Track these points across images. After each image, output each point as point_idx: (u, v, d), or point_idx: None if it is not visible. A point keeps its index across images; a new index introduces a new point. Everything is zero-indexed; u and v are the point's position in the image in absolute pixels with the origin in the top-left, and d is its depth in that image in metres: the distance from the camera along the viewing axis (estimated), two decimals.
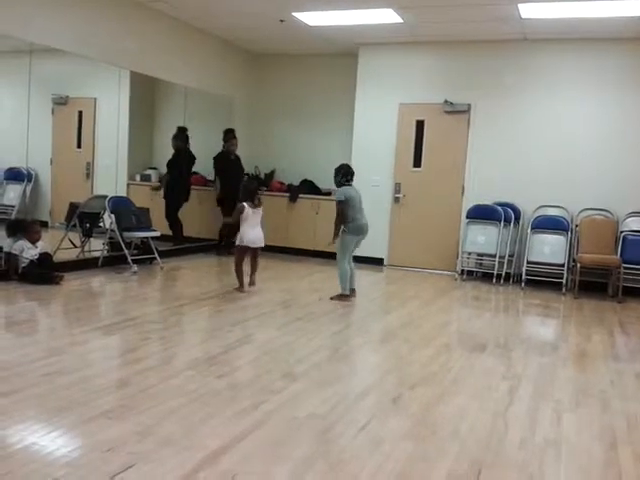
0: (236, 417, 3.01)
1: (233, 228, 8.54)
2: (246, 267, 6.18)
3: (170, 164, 8.34)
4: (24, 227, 5.99)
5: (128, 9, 7.01)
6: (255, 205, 6.04)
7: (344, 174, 5.96)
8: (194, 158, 8.47)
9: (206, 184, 9.02)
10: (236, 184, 8.54)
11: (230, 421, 2.96)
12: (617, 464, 2.77)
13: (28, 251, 5.84)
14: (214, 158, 8.53)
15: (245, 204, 5.98)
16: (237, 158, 8.70)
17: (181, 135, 8.31)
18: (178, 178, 8.27)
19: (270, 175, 9.43)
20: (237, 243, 6.10)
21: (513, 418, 3.23)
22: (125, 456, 2.52)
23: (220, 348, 4.23)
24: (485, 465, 2.66)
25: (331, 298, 6.01)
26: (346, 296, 5.99)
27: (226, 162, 8.50)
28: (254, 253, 6.18)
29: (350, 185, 5.96)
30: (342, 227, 5.90)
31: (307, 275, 7.61)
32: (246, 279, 6.16)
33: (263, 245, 6.17)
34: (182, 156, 8.32)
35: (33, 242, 5.92)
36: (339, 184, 5.97)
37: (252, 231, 6.01)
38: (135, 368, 3.70)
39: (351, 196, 5.86)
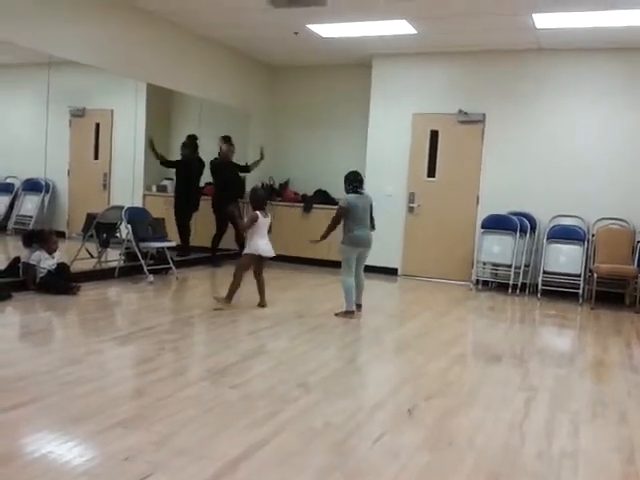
0: (251, 427, 3.01)
1: (219, 238, 8.43)
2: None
3: (176, 173, 8.31)
4: (41, 237, 6.06)
5: (144, 22, 7.10)
6: (265, 214, 5.82)
7: (351, 182, 5.67)
8: (203, 166, 8.39)
9: None
10: (234, 190, 8.37)
11: (245, 431, 2.97)
12: (636, 477, 2.74)
13: (45, 261, 5.90)
14: (211, 165, 8.36)
15: (258, 213, 5.74)
16: (232, 164, 8.50)
17: (190, 144, 8.27)
18: (184, 187, 8.23)
19: (284, 185, 9.47)
20: (247, 252, 5.80)
21: (529, 429, 3.21)
22: (142, 465, 2.54)
23: (234, 358, 4.24)
24: (501, 477, 2.64)
25: (336, 314, 5.69)
26: (351, 312, 5.66)
27: (222, 169, 8.36)
28: (261, 266, 5.92)
29: (359, 193, 5.66)
30: (341, 238, 5.67)
31: (320, 285, 7.61)
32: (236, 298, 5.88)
33: (273, 255, 5.93)
34: (189, 165, 8.25)
35: (50, 252, 5.98)
36: (347, 192, 5.70)
37: (264, 241, 5.78)
38: (151, 378, 3.73)
39: (354, 205, 5.57)
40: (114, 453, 2.64)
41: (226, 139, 8.49)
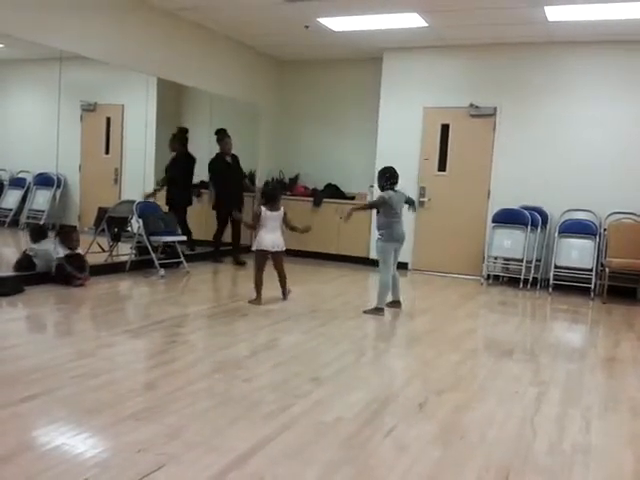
0: (263, 420, 3.02)
1: (220, 234, 8.16)
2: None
3: (168, 168, 7.93)
4: (64, 234, 6.11)
5: (155, 17, 7.10)
6: (272, 208, 5.78)
7: (388, 178, 5.62)
8: (194, 160, 8.05)
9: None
10: (234, 186, 8.09)
11: (257, 424, 2.98)
12: None
13: (58, 253, 5.94)
14: (209, 163, 8.15)
15: (262, 208, 5.77)
16: (235, 159, 8.25)
17: (180, 136, 7.98)
18: (177, 182, 7.87)
19: (294, 179, 9.47)
20: (255, 248, 5.85)
21: (541, 424, 3.20)
22: (154, 457, 2.55)
23: (246, 352, 4.26)
24: (513, 471, 2.64)
25: (364, 312, 5.63)
26: (381, 310, 5.61)
27: (221, 165, 8.10)
28: (276, 260, 5.89)
29: (394, 190, 5.63)
30: (378, 234, 5.67)
31: (331, 280, 7.61)
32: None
33: (283, 249, 5.89)
34: (181, 159, 7.94)
35: (72, 249, 6.03)
36: (383, 188, 5.65)
37: (269, 235, 5.75)
38: (162, 371, 3.75)
39: (396, 200, 5.59)
40: (127, 445, 2.66)
41: (220, 132, 8.13)
